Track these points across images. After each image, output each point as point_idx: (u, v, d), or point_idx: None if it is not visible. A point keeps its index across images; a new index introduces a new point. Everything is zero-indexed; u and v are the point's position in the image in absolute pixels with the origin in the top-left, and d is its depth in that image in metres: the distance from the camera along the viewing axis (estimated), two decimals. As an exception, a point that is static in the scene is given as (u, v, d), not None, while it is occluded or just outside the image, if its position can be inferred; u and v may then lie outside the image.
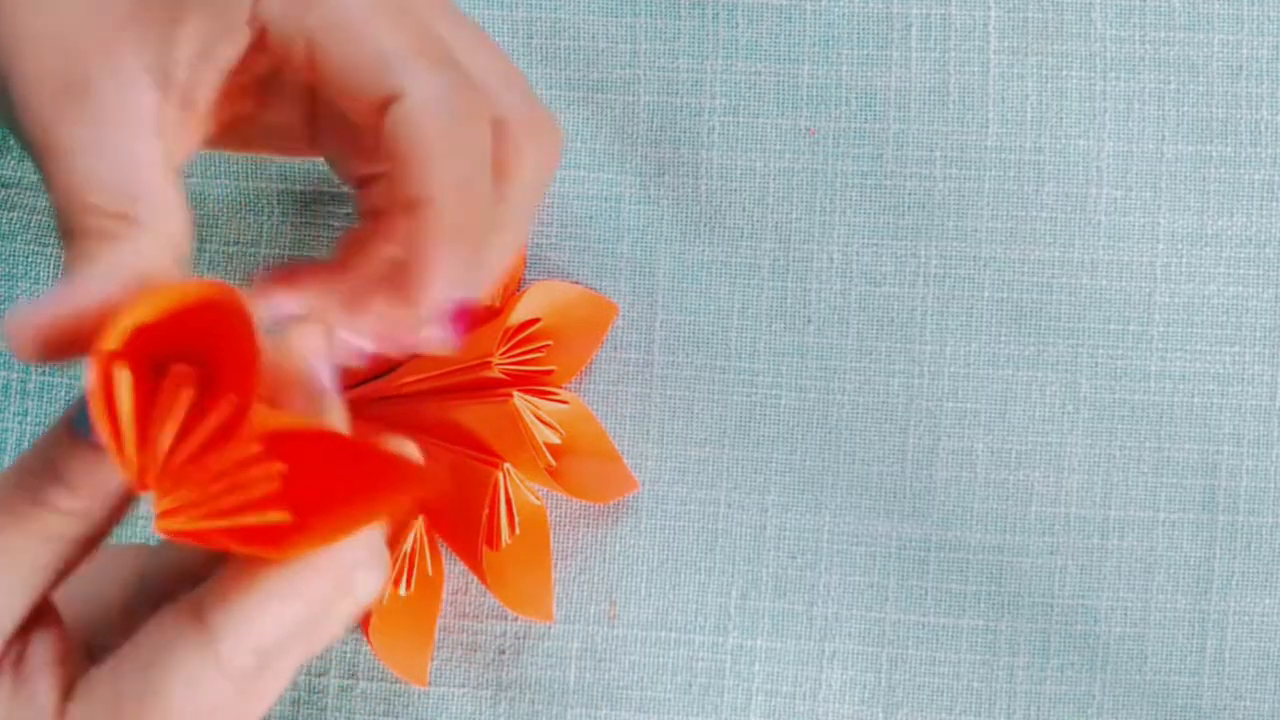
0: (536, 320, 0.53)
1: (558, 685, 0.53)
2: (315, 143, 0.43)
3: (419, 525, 0.52)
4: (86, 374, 0.34)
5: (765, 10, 0.54)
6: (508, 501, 0.52)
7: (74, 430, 0.36)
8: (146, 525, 0.54)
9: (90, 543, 0.37)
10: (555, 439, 0.53)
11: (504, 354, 0.52)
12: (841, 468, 0.53)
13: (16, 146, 0.55)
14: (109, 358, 0.34)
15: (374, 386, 0.53)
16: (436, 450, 0.52)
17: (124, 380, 0.35)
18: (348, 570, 0.36)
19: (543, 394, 0.53)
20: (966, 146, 0.54)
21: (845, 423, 0.54)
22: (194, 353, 0.36)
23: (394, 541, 0.52)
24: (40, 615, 0.37)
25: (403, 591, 0.52)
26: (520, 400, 0.52)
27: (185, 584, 0.38)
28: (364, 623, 0.52)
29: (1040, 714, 0.53)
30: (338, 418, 0.37)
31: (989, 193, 0.54)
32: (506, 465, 0.52)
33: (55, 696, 0.37)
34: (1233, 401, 0.53)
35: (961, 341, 0.53)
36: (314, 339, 0.37)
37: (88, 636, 0.39)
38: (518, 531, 0.53)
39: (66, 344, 0.35)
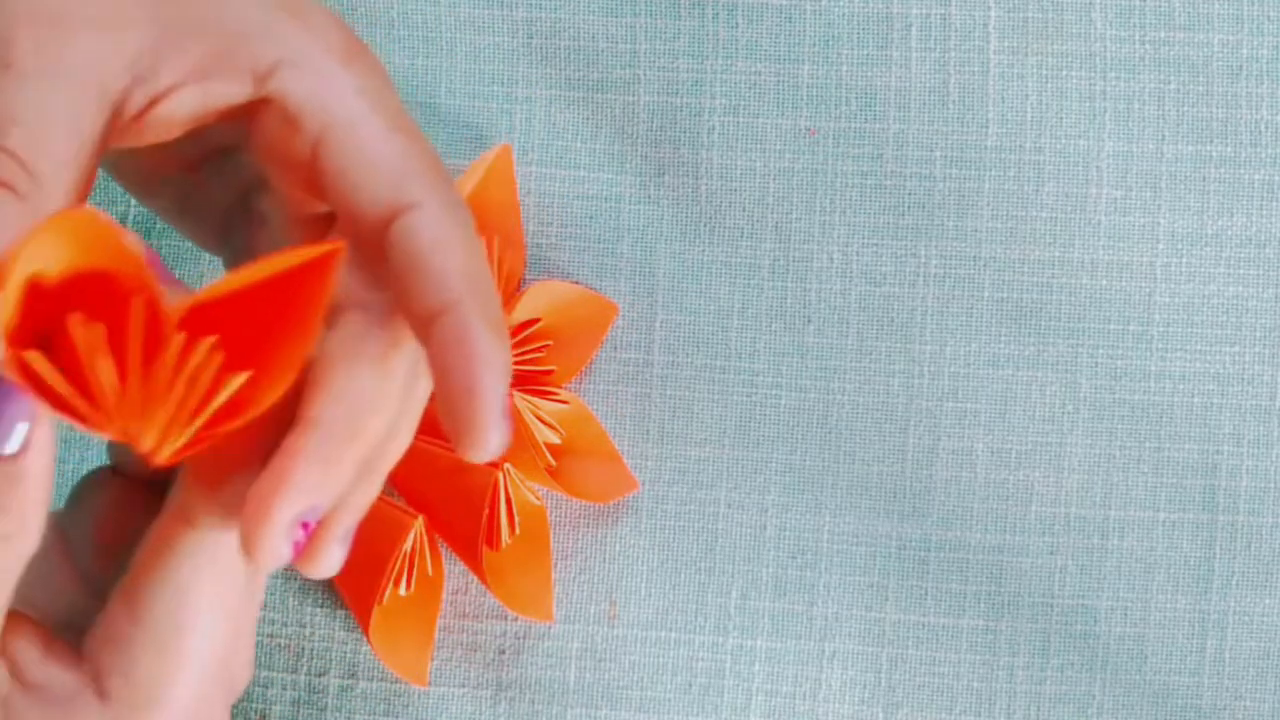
0: (536, 320, 0.53)
1: (558, 685, 0.53)
2: (225, 242, 0.43)
3: (419, 525, 0.52)
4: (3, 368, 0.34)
5: (765, 10, 0.54)
6: (508, 501, 0.52)
7: None
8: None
9: (27, 557, 0.36)
10: (555, 439, 0.53)
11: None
12: (841, 468, 0.54)
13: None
14: (11, 342, 0.34)
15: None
16: (437, 450, 0.52)
17: (37, 358, 0.34)
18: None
19: (543, 394, 0.53)
20: (966, 146, 0.54)
21: (845, 423, 0.54)
22: (72, 293, 0.35)
23: (394, 541, 0.52)
24: (10, 626, 0.37)
25: (403, 591, 0.52)
26: (520, 400, 0.52)
27: (126, 520, 0.38)
28: (364, 623, 0.52)
29: (1040, 714, 0.53)
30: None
31: (989, 193, 0.54)
32: (506, 465, 0.52)
33: (73, 672, 0.37)
34: (1233, 401, 0.53)
35: (961, 341, 0.53)
36: (132, 237, 0.36)
37: (58, 616, 0.39)
38: (518, 531, 0.53)
39: None
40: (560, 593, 0.54)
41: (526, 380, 0.53)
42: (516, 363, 0.52)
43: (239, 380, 0.35)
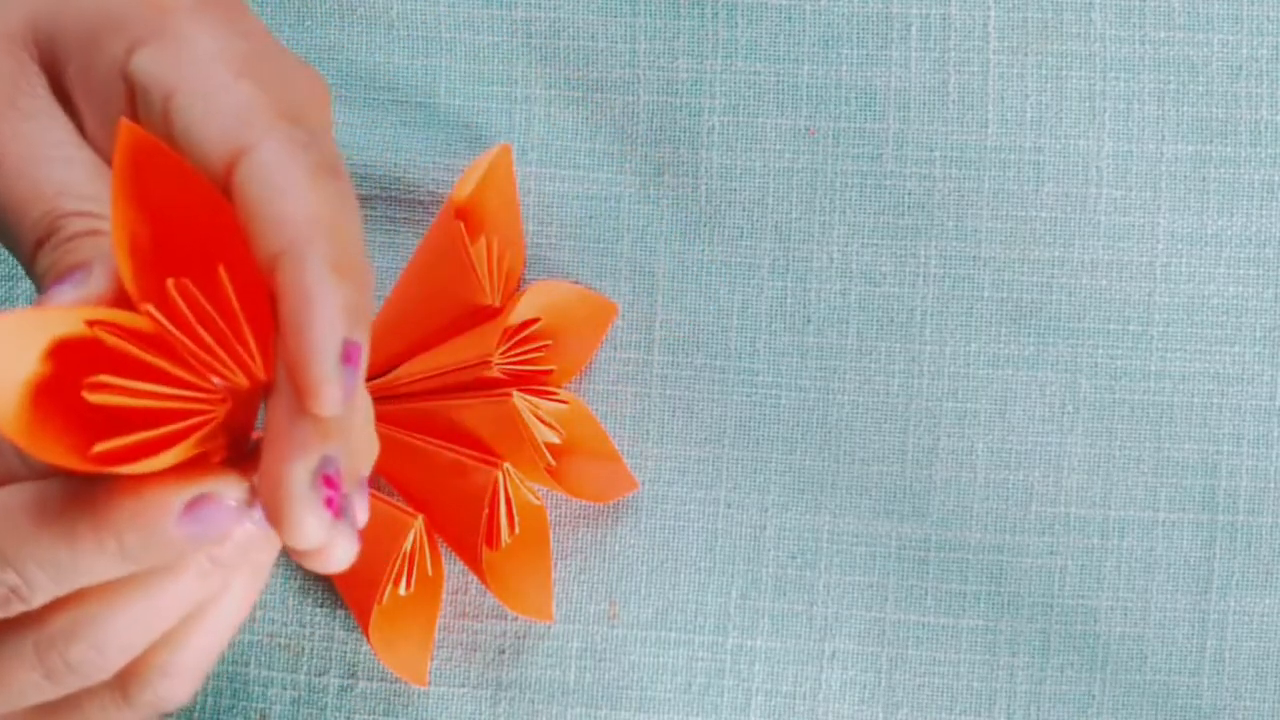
0: (536, 320, 0.53)
1: (558, 685, 0.53)
2: None
3: (418, 525, 0.52)
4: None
5: (765, 10, 0.54)
6: (507, 501, 0.52)
7: None
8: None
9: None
10: (555, 438, 0.53)
11: (503, 354, 0.52)
12: (841, 468, 0.54)
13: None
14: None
15: (374, 386, 0.53)
16: (436, 450, 0.52)
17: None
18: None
19: (543, 394, 0.53)
20: (966, 146, 0.54)
21: (845, 423, 0.54)
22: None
23: (394, 541, 0.52)
24: None
25: (403, 591, 0.53)
26: (520, 399, 0.52)
27: None
28: (364, 623, 0.52)
29: (1040, 714, 0.53)
30: None
31: (989, 192, 0.54)
32: (506, 465, 0.52)
33: None
34: (1233, 401, 0.53)
35: (961, 341, 0.53)
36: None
37: None
38: (517, 531, 0.53)
39: None
40: (560, 592, 0.54)
41: (526, 380, 0.53)
42: (517, 362, 0.53)
43: (224, 273, 0.34)
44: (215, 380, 0.34)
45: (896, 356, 0.54)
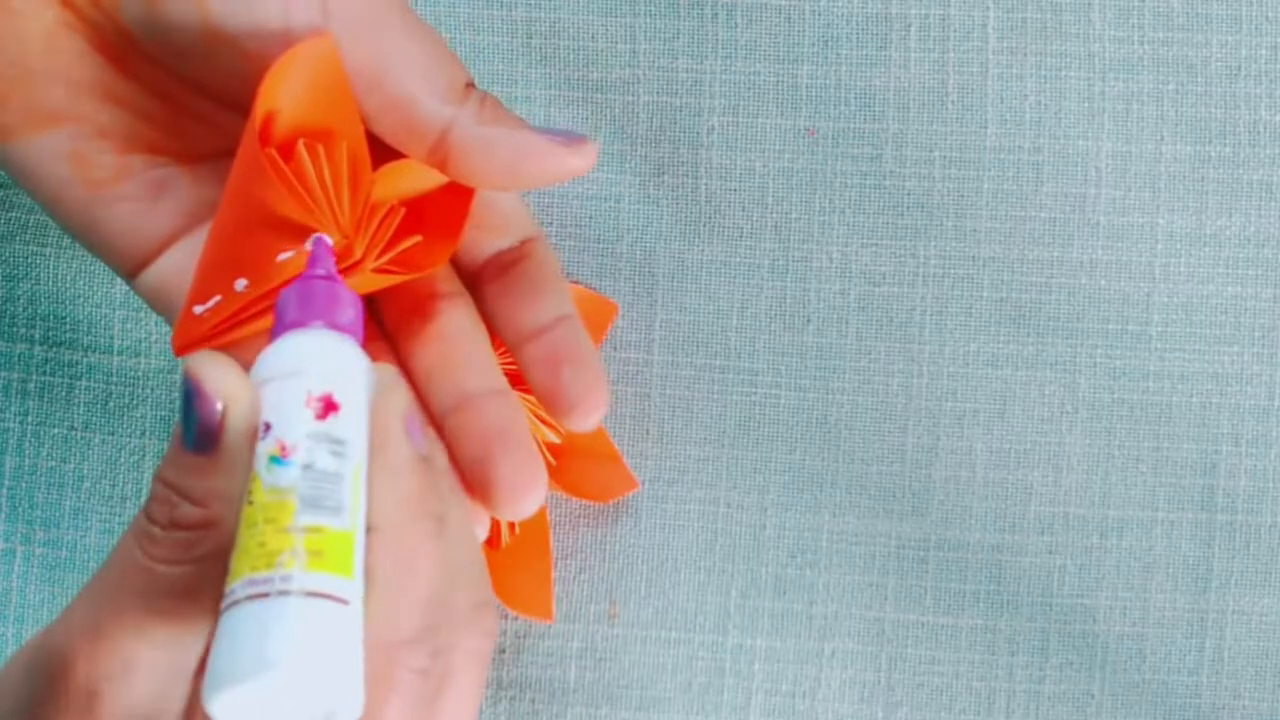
0: (536, 320, 0.53)
1: (558, 684, 0.53)
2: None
3: (419, 525, 0.52)
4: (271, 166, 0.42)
5: (764, 10, 0.54)
6: (508, 501, 0.52)
7: (184, 446, 0.39)
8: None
9: (225, 554, 0.39)
10: (555, 438, 0.53)
11: (503, 354, 0.52)
12: (841, 467, 0.54)
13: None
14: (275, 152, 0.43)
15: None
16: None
17: (285, 166, 0.42)
18: None
19: (543, 394, 0.53)
20: (965, 147, 0.54)
21: (844, 422, 0.54)
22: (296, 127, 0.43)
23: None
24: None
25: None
26: (520, 399, 0.52)
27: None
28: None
29: (1040, 713, 0.53)
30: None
31: (988, 193, 0.54)
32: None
33: None
34: (1231, 401, 0.53)
35: (960, 341, 0.54)
36: None
37: None
38: (518, 531, 0.53)
39: None
40: (560, 592, 0.54)
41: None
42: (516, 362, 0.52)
43: (415, 240, 0.45)
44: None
45: (896, 356, 0.54)
